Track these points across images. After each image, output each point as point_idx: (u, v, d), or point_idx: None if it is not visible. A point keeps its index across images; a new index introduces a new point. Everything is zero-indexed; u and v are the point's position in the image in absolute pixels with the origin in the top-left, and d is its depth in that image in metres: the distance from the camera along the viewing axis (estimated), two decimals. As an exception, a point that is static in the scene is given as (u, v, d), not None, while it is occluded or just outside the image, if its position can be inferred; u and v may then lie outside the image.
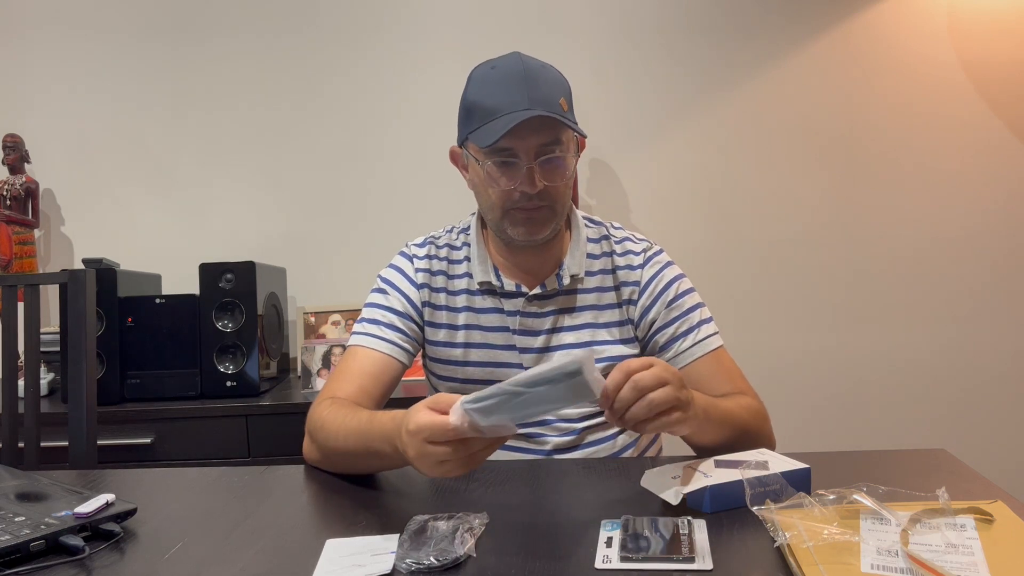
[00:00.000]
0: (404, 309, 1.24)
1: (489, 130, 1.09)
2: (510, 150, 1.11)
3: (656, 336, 1.21)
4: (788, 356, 2.35)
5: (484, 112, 1.10)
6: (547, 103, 1.09)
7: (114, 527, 0.86)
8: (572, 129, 1.11)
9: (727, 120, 2.35)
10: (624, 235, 1.29)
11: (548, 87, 1.11)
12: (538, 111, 1.07)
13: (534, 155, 1.11)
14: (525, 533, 0.84)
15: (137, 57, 2.38)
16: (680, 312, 1.21)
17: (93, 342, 1.42)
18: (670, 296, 1.21)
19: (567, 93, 1.15)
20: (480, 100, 1.12)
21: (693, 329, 1.20)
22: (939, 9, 2.30)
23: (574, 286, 1.23)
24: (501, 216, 1.16)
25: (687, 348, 1.19)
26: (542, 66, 1.14)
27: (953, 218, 2.33)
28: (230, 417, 1.87)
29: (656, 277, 1.23)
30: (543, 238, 1.17)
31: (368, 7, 2.36)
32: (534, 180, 1.11)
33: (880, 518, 0.77)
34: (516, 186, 1.12)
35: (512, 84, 1.09)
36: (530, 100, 1.08)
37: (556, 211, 1.16)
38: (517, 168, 1.11)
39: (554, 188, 1.13)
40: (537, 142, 1.10)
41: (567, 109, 1.13)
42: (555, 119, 1.08)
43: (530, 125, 1.07)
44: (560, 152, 1.12)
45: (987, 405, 2.33)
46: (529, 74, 1.10)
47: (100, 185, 2.40)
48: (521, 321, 1.22)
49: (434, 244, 1.29)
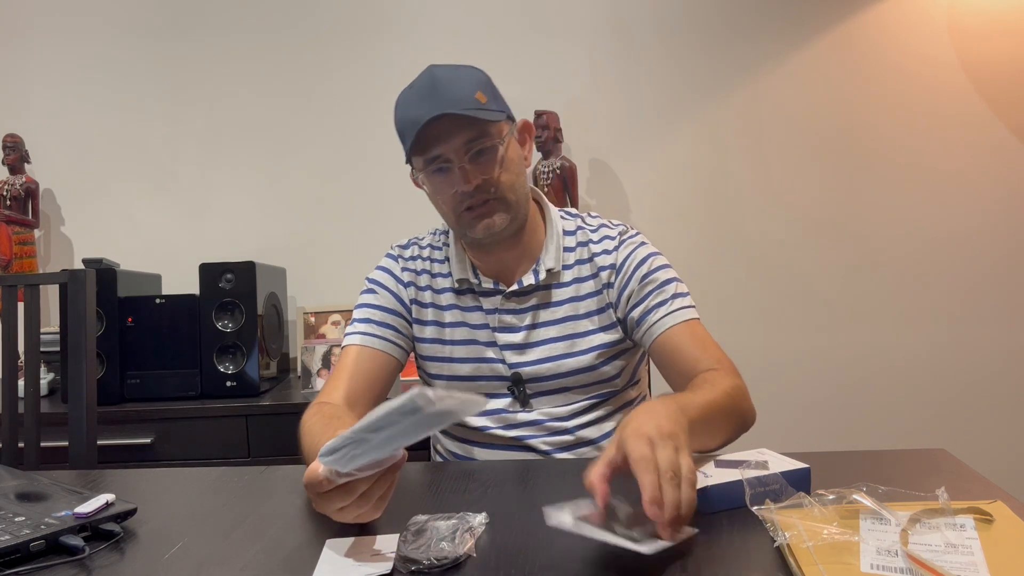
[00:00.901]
0: (394, 307, 1.26)
1: (409, 144, 1.12)
2: (440, 156, 1.13)
3: (632, 312, 1.21)
4: (788, 355, 2.35)
5: (407, 129, 1.13)
6: (456, 102, 1.10)
7: (114, 527, 0.86)
8: (486, 119, 1.11)
9: (727, 120, 2.35)
10: (600, 222, 1.29)
11: (459, 86, 1.12)
12: (441, 111, 1.08)
13: (463, 153, 1.12)
14: (525, 533, 0.84)
15: (137, 57, 2.38)
16: (654, 286, 1.20)
17: (93, 342, 1.42)
18: (643, 271, 1.21)
19: (484, 86, 1.15)
20: (402, 119, 1.15)
21: (666, 301, 1.19)
22: (939, 9, 2.30)
23: (551, 281, 1.24)
24: (456, 221, 1.19)
25: (660, 318, 1.18)
26: (453, 69, 1.15)
27: (953, 217, 2.33)
28: (230, 417, 1.87)
29: (630, 256, 1.23)
30: (503, 228, 1.17)
31: (368, 7, 2.36)
32: (467, 178, 1.12)
33: (880, 518, 0.77)
34: (454, 188, 1.14)
35: (424, 95, 1.12)
36: (440, 104, 1.09)
37: (507, 200, 1.16)
38: (452, 171, 1.14)
39: (493, 179, 1.14)
40: (461, 141, 1.12)
41: (486, 101, 1.13)
42: (466, 115, 1.09)
43: (448, 128, 1.10)
44: (488, 142, 1.13)
45: (987, 405, 2.33)
46: (436, 81, 1.12)
47: (100, 185, 2.40)
48: (500, 319, 1.23)
49: (417, 245, 1.32)
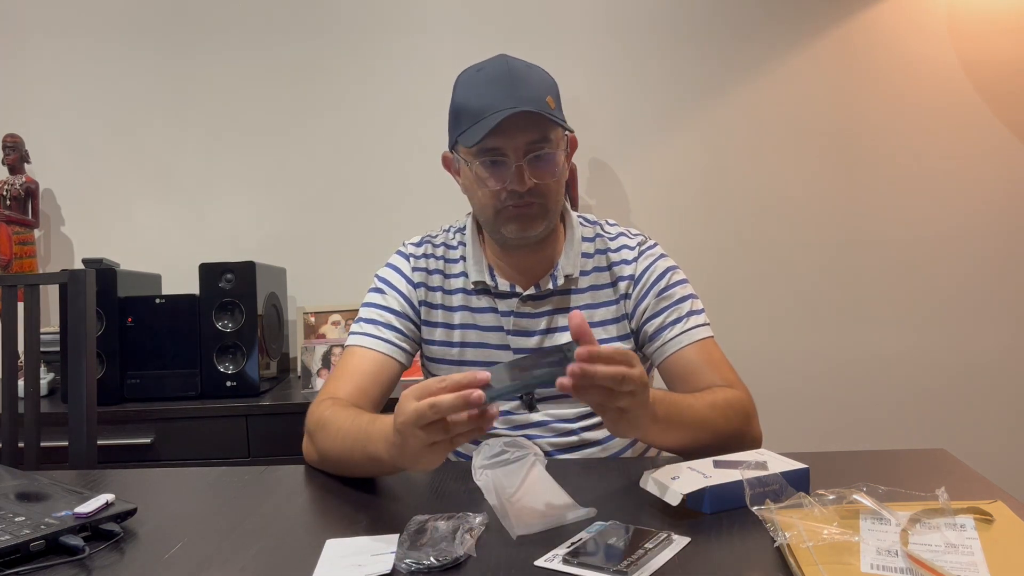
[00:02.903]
0: (401, 308, 1.25)
1: (476, 130, 1.09)
2: (498, 149, 1.11)
3: (645, 326, 1.21)
4: (788, 355, 2.35)
5: (471, 114, 1.11)
6: (533, 101, 1.09)
7: (114, 527, 0.86)
8: (559, 125, 1.11)
9: (727, 120, 2.35)
10: (619, 231, 1.29)
11: (534, 86, 1.11)
12: (523, 107, 1.07)
13: (523, 153, 1.11)
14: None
15: (137, 57, 2.38)
16: (670, 302, 1.20)
17: (93, 342, 1.42)
18: (661, 286, 1.21)
19: (554, 92, 1.15)
20: (467, 102, 1.12)
21: (682, 319, 1.19)
22: (939, 9, 2.30)
23: (568, 286, 1.23)
24: (493, 216, 1.17)
25: (674, 336, 1.18)
26: (527, 66, 1.15)
27: (954, 217, 2.33)
28: (230, 417, 1.87)
29: (649, 269, 1.23)
30: (536, 235, 1.17)
31: (368, 8, 2.36)
32: (523, 178, 1.11)
33: (880, 518, 0.77)
34: (505, 185, 1.12)
35: (497, 85, 1.10)
36: (515, 99, 1.08)
37: (548, 208, 1.16)
38: (506, 167, 1.12)
39: (544, 186, 1.14)
40: (525, 140, 1.10)
41: (554, 107, 1.13)
42: (541, 116, 1.09)
43: (517, 124, 1.08)
44: (549, 149, 1.13)
45: (987, 405, 2.33)
46: (514, 74, 1.11)
47: (100, 185, 2.40)
48: (515, 322, 1.22)
49: (431, 243, 1.29)
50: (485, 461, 0.87)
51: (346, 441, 1.01)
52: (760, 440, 1.12)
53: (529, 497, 0.85)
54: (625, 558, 0.74)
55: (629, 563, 0.73)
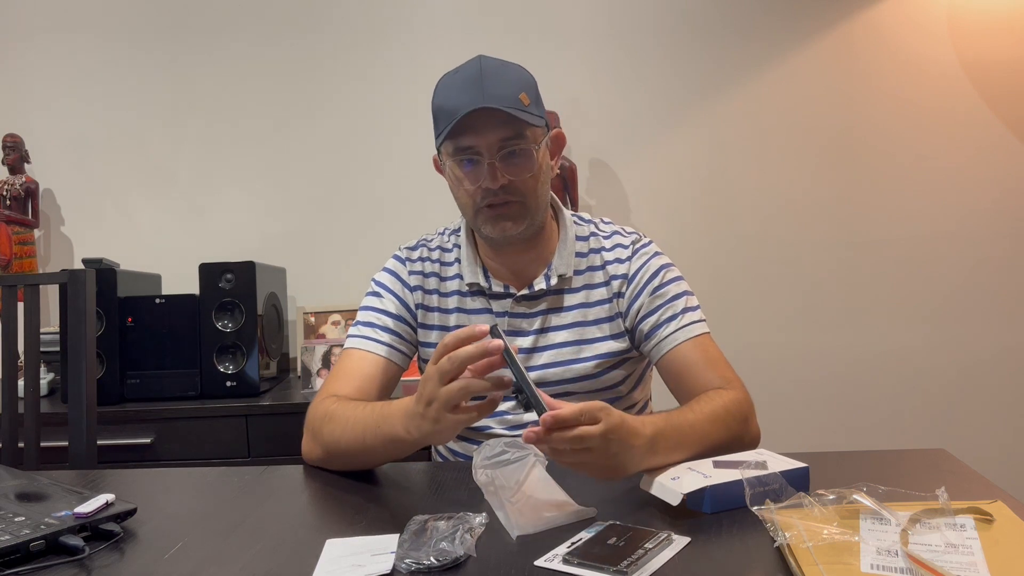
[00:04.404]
0: (398, 311, 1.25)
1: (447, 130, 1.11)
2: (472, 148, 1.12)
3: (641, 324, 1.21)
4: (788, 355, 2.35)
5: (445, 115, 1.12)
6: (502, 98, 1.09)
7: (114, 527, 0.86)
8: (526, 122, 1.11)
9: (726, 119, 2.35)
10: (613, 229, 1.29)
11: (505, 84, 1.11)
12: (486, 104, 1.07)
13: (496, 150, 1.11)
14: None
15: (137, 57, 2.38)
16: (664, 300, 1.20)
17: (93, 342, 1.42)
18: (655, 284, 1.21)
19: (530, 88, 1.15)
20: (443, 103, 1.13)
21: (677, 316, 1.19)
22: (939, 9, 2.30)
23: (562, 286, 1.23)
24: (473, 215, 1.18)
25: (670, 334, 1.18)
26: (502, 64, 1.15)
27: (954, 216, 2.32)
28: (230, 417, 1.87)
29: (643, 267, 1.23)
30: (518, 233, 1.17)
31: (367, 9, 2.36)
32: (495, 175, 1.12)
33: (880, 518, 0.77)
34: (480, 183, 1.13)
35: (468, 84, 1.10)
36: (484, 97, 1.08)
37: (527, 206, 1.16)
38: (480, 166, 1.13)
39: (521, 182, 1.14)
40: (497, 137, 1.11)
41: (528, 103, 1.12)
42: (508, 112, 1.08)
43: (489, 122, 1.09)
44: (523, 145, 1.12)
45: (987, 405, 2.33)
46: (485, 73, 1.11)
47: (100, 185, 2.40)
48: (509, 322, 1.23)
49: (426, 247, 1.30)
50: (485, 461, 0.87)
51: (357, 427, 1.02)
52: (758, 438, 1.12)
53: (529, 497, 0.85)
54: (625, 558, 0.74)
55: (629, 563, 0.73)
